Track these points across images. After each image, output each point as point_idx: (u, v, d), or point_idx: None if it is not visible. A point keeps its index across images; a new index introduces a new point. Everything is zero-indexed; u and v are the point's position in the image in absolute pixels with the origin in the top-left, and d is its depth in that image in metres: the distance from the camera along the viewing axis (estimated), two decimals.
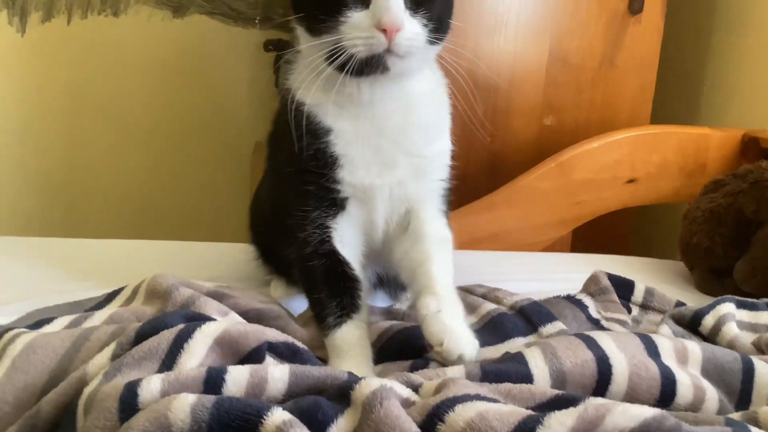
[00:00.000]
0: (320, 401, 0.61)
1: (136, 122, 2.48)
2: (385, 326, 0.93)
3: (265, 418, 0.57)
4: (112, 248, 1.40)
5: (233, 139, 2.52)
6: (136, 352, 0.69)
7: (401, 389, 0.66)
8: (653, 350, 0.77)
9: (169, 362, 0.69)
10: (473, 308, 1.02)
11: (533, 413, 0.59)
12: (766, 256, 1.22)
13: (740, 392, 0.76)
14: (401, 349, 0.89)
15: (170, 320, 0.75)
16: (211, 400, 0.58)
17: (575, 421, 0.56)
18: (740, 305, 1.01)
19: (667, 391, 0.73)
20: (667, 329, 0.93)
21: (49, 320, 0.88)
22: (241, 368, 0.65)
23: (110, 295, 1.00)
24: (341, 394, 0.63)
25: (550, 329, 0.93)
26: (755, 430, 0.61)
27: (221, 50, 2.46)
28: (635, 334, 0.79)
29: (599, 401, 0.61)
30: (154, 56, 2.43)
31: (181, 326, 0.72)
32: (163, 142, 2.51)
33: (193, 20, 2.42)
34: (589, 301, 1.05)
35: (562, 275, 1.27)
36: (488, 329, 0.95)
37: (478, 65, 1.65)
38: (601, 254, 1.51)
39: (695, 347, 0.79)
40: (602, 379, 0.73)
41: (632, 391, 0.72)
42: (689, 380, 0.74)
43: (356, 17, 0.80)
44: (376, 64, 0.82)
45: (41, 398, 0.69)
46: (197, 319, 0.78)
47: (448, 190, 0.98)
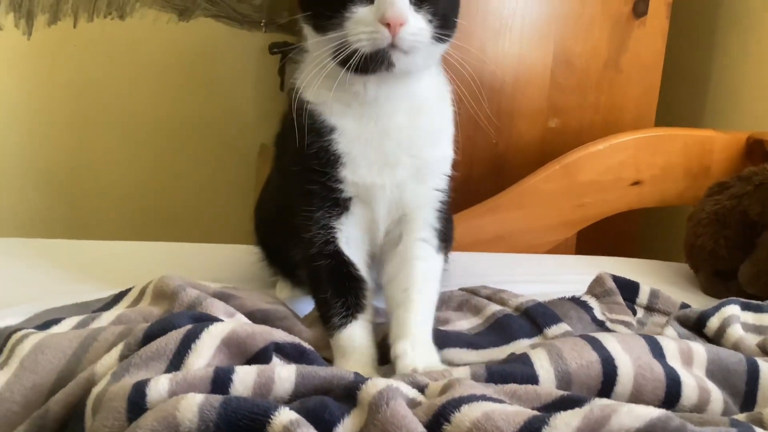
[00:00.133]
0: (327, 401, 0.62)
1: (141, 124, 2.49)
2: None
3: (272, 417, 0.57)
4: (117, 249, 1.41)
5: (238, 141, 2.53)
6: (143, 352, 0.70)
7: (407, 389, 0.66)
8: (658, 351, 0.77)
9: (176, 362, 0.69)
10: (478, 310, 1.02)
11: (539, 414, 0.59)
12: None
13: (745, 393, 0.77)
14: None
15: (178, 321, 0.75)
16: (218, 399, 0.59)
17: (581, 421, 0.56)
18: (745, 307, 1.01)
19: (672, 392, 0.73)
20: (672, 331, 0.94)
21: (57, 321, 0.89)
22: (248, 368, 0.66)
23: (118, 296, 1.01)
24: (348, 394, 0.64)
25: (555, 330, 0.93)
26: (760, 431, 0.61)
27: (226, 53, 2.47)
28: (640, 335, 0.80)
29: (604, 402, 0.61)
30: (159, 59, 2.43)
31: (188, 327, 0.73)
32: (168, 144, 2.51)
33: (198, 23, 2.43)
34: (594, 302, 1.06)
35: (566, 277, 1.28)
36: (493, 330, 0.96)
37: (483, 67, 1.66)
38: (605, 256, 1.51)
39: (700, 349, 0.79)
40: (607, 380, 0.73)
41: (637, 392, 0.73)
42: (694, 381, 0.74)
43: (361, 12, 0.81)
44: (380, 59, 0.82)
45: (49, 398, 0.70)
46: (204, 319, 0.78)
47: (445, 204, 0.97)
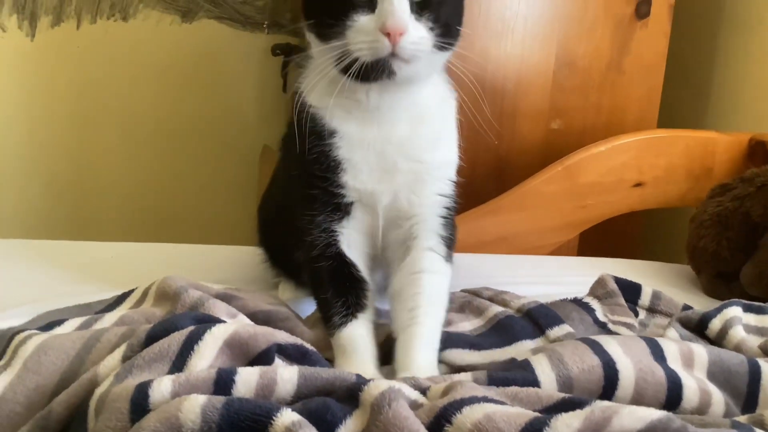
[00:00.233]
0: (329, 402, 0.62)
1: (143, 125, 2.49)
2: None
3: (274, 418, 0.57)
4: (120, 251, 1.41)
5: (240, 142, 2.53)
6: (146, 354, 0.70)
7: (409, 391, 0.66)
8: (659, 354, 0.77)
9: (179, 364, 0.69)
10: (480, 311, 1.02)
11: (540, 415, 0.59)
12: None
13: (747, 395, 0.77)
14: None
15: (180, 322, 0.75)
16: (221, 400, 0.59)
17: (582, 423, 0.56)
18: (747, 309, 1.01)
19: (673, 395, 0.73)
20: (674, 333, 0.93)
21: (59, 322, 0.89)
22: (250, 370, 0.66)
23: (120, 297, 1.01)
24: (350, 395, 0.64)
25: (557, 332, 0.93)
26: None
27: (229, 54, 2.47)
28: (641, 337, 0.80)
29: (606, 404, 0.61)
30: (162, 60, 2.44)
31: (191, 328, 0.73)
32: (170, 145, 2.52)
33: (201, 25, 2.44)
34: (596, 304, 1.05)
35: (569, 278, 1.27)
36: (495, 332, 0.96)
37: (485, 69, 1.66)
38: (608, 258, 1.51)
39: (701, 350, 0.79)
40: (609, 384, 0.73)
41: (638, 396, 0.73)
42: (695, 384, 0.74)
43: (362, 21, 0.81)
44: (381, 68, 0.82)
45: (52, 399, 0.70)
46: (207, 321, 0.78)
47: (451, 211, 0.97)
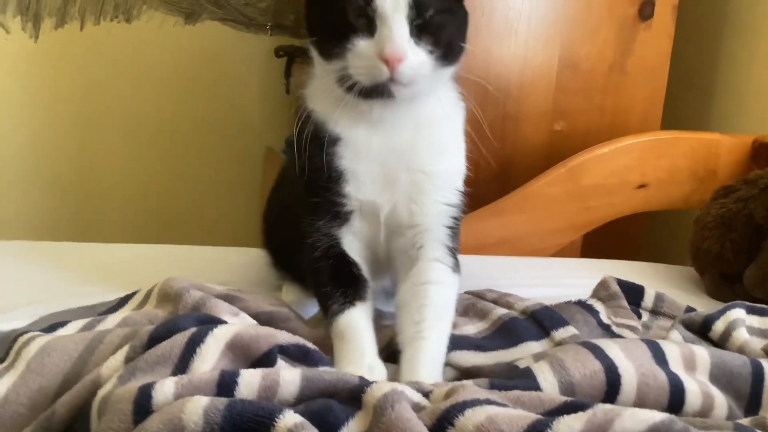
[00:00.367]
0: (331, 404, 0.62)
1: (147, 127, 2.50)
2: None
3: (276, 420, 0.58)
4: (123, 252, 1.41)
5: (243, 143, 2.54)
6: (149, 356, 0.70)
7: (412, 393, 0.66)
8: (661, 357, 0.77)
9: (182, 367, 0.69)
10: (484, 314, 1.02)
11: (542, 417, 0.59)
12: None
13: (750, 396, 0.76)
14: None
15: (182, 323, 0.75)
16: (223, 402, 0.59)
17: (584, 425, 0.56)
18: (750, 311, 1.01)
19: (675, 399, 0.73)
20: (677, 335, 0.93)
21: (63, 324, 0.89)
22: (253, 371, 0.66)
23: (123, 299, 1.01)
24: (352, 397, 0.64)
25: (562, 333, 0.93)
26: None
27: (233, 56, 2.48)
28: (642, 340, 0.79)
29: (608, 406, 0.61)
30: (165, 62, 2.45)
31: (192, 330, 0.73)
32: (173, 146, 2.53)
33: (204, 26, 2.44)
34: (599, 306, 1.05)
35: (572, 280, 1.27)
36: (500, 334, 0.95)
37: (488, 70, 1.66)
38: (611, 259, 1.50)
39: (703, 353, 0.79)
40: (611, 389, 0.73)
41: (641, 400, 0.73)
42: (697, 388, 0.74)
43: (361, 46, 0.81)
44: (381, 90, 0.83)
45: (55, 400, 0.70)
46: (209, 321, 0.79)
47: (459, 221, 0.97)
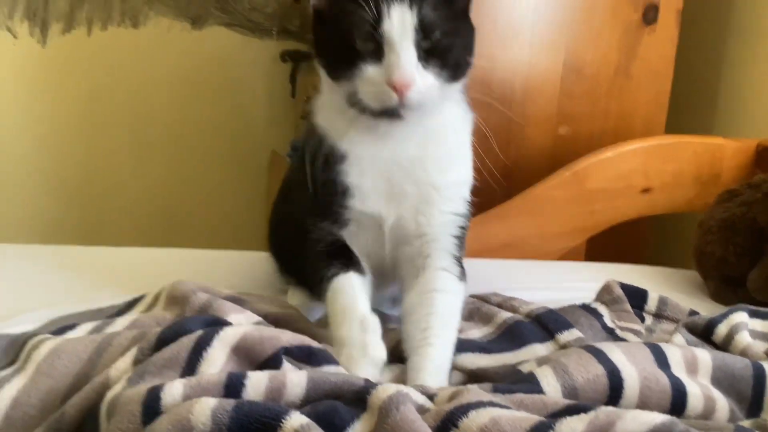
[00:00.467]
0: (337, 406, 0.63)
1: (153, 131, 2.51)
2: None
3: (283, 421, 0.58)
4: (129, 256, 1.42)
5: (249, 147, 2.55)
6: (157, 359, 0.71)
7: (417, 396, 0.67)
8: (663, 361, 0.77)
9: (189, 370, 0.70)
10: (489, 318, 1.03)
11: (545, 419, 0.60)
12: None
13: (752, 398, 0.77)
14: None
15: (190, 325, 0.76)
16: (231, 403, 0.60)
17: (586, 426, 0.57)
18: (753, 314, 1.01)
19: (677, 402, 0.73)
20: (680, 338, 0.94)
21: (72, 326, 0.90)
22: (260, 373, 0.67)
23: (131, 302, 1.02)
24: (358, 398, 0.65)
25: (567, 336, 0.93)
26: None
27: (238, 61, 2.49)
28: (645, 344, 0.80)
29: (610, 408, 0.62)
30: (172, 67, 2.46)
31: (199, 333, 0.73)
32: (179, 150, 2.54)
33: (211, 31, 2.45)
34: (603, 310, 1.06)
35: (576, 284, 1.27)
36: (505, 337, 0.96)
37: (492, 74, 1.67)
38: (615, 263, 1.51)
39: (705, 355, 0.79)
40: (613, 393, 0.73)
41: (643, 403, 0.73)
42: (699, 391, 0.75)
43: (369, 71, 0.82)
44: (390, 113, 0.84)
45: (65, 402, 0.71)
46: (215, 323, 0.79)
47: (465, 230, 0.97)
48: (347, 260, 0.92)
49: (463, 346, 0.91)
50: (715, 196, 1.42)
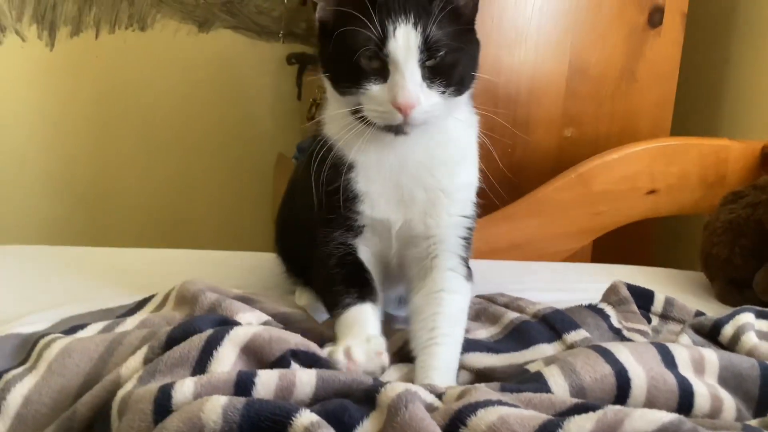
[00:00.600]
0: (346, 404, 0.63)
1: (160, 133, 2.52)
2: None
3: (293, 419, 0.59)
4: (137, 257, 1.43)
5: (256, 149, 2.56)
6: (168, 359, 0.72)
7: (425, 394, 0.68)
8: (670, 361, 0.77)
9: (200, 369, 0.71)
10: (496, 318, 1.03)
11: (553, 418, 0.60)
12: None
13: (759, 398, 0.77)
14: None
15: (200, 324, 0.77)
16: (241, 401, 0.60)
17: (594, 425, 0.57)
18: (759, 315, 1.01)
19: (684, 402, 0.74)
20: (686, 339, 0.94)
21: (82, 326, 0.91)
22: (270, 372, 0.68)
23: (142, 301, 1.03)
24: (367, 397, 0.65)
25: (574, 336, 0.94)
26: None
27: (245, 64, 2.50)
28: (652, 343, 0.80)
29: (617, 407, 0.62)
30: (179, 69, 2.47)
31: (209, 332, 0.74)
32: (186, 152, 2.55)
33: (218, 35, 2.47)
34: (610, 310, 1.06)
35: (582, 285, 1.28)
36: (512, 337, 0.96)
37: (498, 76, 1.67)
38: (621, 264, 1.51)
39: (712, 355, 0.80)
40: (621, 392, 0.74)
41: (650, 403, 0.73)
42: (706, 391, 0.75)
43: (374, 90, 0.83)
44: (395, 129, 0.85)
45: (76, 400, 0.72)
46: (224, 322, 0.80)
47: (472, 231, 0.98)
48: (362, 287, 0.92)
49: (470, 346, 0.91)
50: (720, 197, 1.42)
